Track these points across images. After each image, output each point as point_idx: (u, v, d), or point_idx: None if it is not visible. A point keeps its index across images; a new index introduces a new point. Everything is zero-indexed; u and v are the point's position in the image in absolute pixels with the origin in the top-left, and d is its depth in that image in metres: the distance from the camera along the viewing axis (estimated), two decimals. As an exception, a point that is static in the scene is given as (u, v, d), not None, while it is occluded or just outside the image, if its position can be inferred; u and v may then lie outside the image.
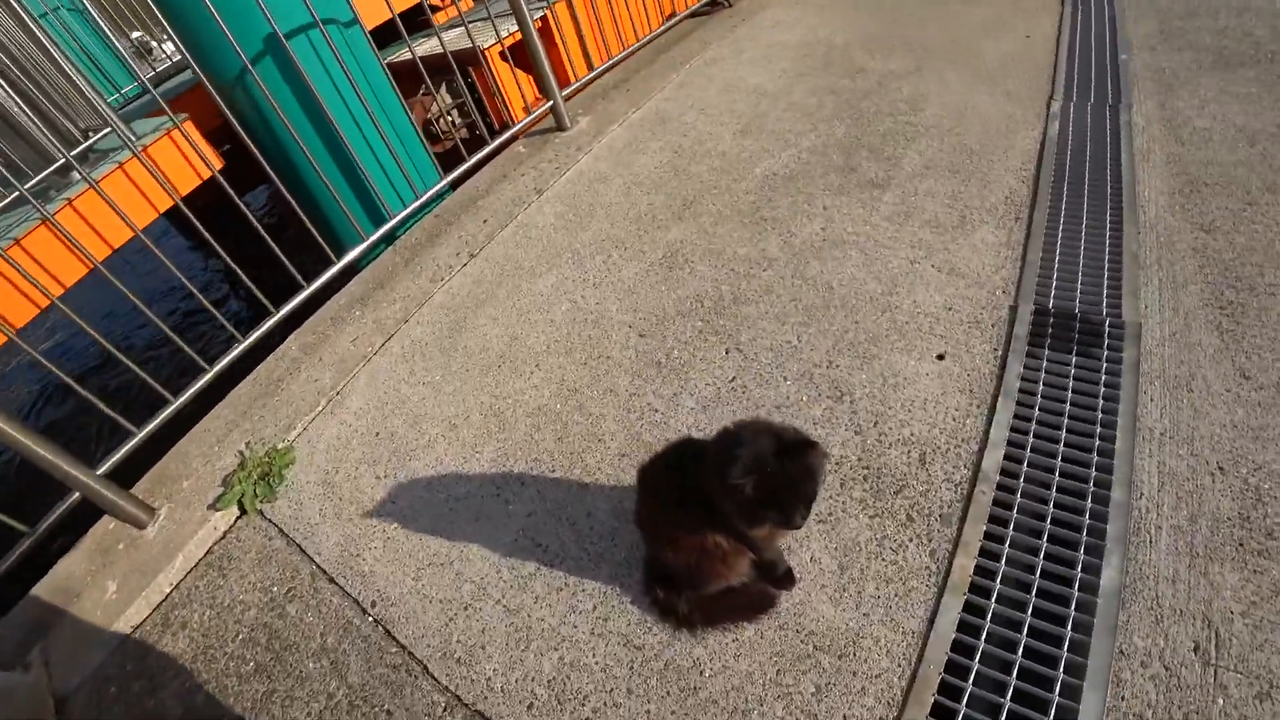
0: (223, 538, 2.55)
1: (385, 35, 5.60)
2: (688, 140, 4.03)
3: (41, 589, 2.53)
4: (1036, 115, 3.62)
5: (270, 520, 2.53)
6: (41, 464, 2.31)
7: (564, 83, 4.48)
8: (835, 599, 1.84)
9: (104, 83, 6.60)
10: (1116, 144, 3.34)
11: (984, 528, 1.91)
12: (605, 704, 1.77)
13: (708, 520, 1.64)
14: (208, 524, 2.52)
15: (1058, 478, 2.00)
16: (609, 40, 5.15)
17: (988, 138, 3.47)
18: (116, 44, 5.38)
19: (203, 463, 2.79)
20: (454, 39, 5.83)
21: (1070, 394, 2.22)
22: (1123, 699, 1.59)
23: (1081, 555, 1.82)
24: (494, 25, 4.40)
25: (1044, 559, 1.83)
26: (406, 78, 5.79)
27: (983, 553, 1.87)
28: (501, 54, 5.93)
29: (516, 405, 2.63)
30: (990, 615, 1.75)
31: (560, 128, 4.43)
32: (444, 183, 3.86)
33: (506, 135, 4.12)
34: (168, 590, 2.43)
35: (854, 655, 1.74)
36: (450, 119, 4.39)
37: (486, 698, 1.87)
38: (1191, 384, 2.20)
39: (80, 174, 2.68)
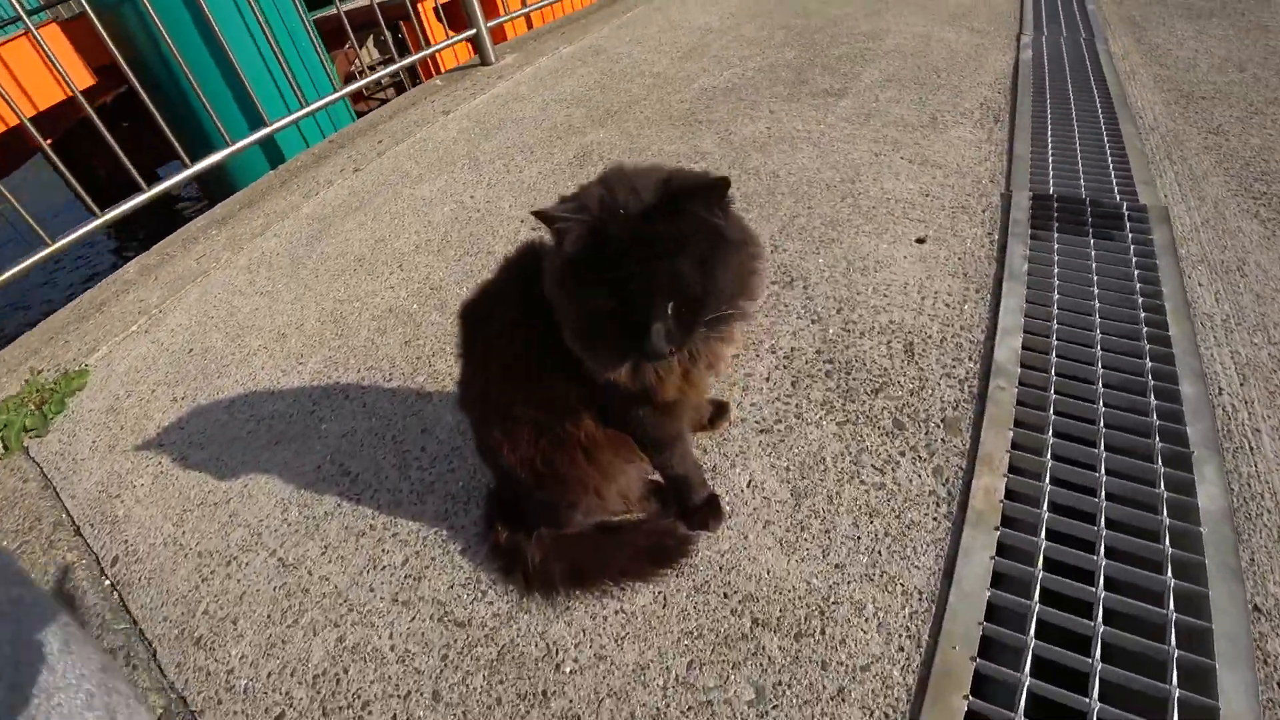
0: None
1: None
2: (620, 66, 3.29)
3: None
4: (1007, 44, 2.99)
5: (33, 458, 1.65)
6: None
7: (492, 16, 3.70)
8: (789, 544, 1.05)
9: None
10: (1097, 66, 2.71)
11: (1010, 434, 1.15)
12: (394, 717, 0.94)
13: (566, 384, 0.85)
14: None
15: (1101, 370, 1.26)
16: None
17: (955, 61, 2.81)
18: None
19: None
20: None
21: (1096, 275, 1.50)
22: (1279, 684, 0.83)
23: (1161, 467, 1.07)
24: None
25: (1106, 473, 1.07)
26: (330, 31, 4.97)
27: (1014, 469, 1.10)
28: (436, 11, 5.16)
29: (363, 309, 1.80)
30: (1040, 560, 0.97)
31: (484, 61, 3.66)
32: (337, 95, 3.03)
33: (422, 54, 3.34)
34: None
35: (822, 634, 0.95)
36: (376, 78, 3.55)
37: (221, 702, 1.03)
38: (1244, 269, 1.53)
39: None
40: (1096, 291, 1.46)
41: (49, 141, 3.35)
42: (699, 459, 1.19)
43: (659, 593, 1.01)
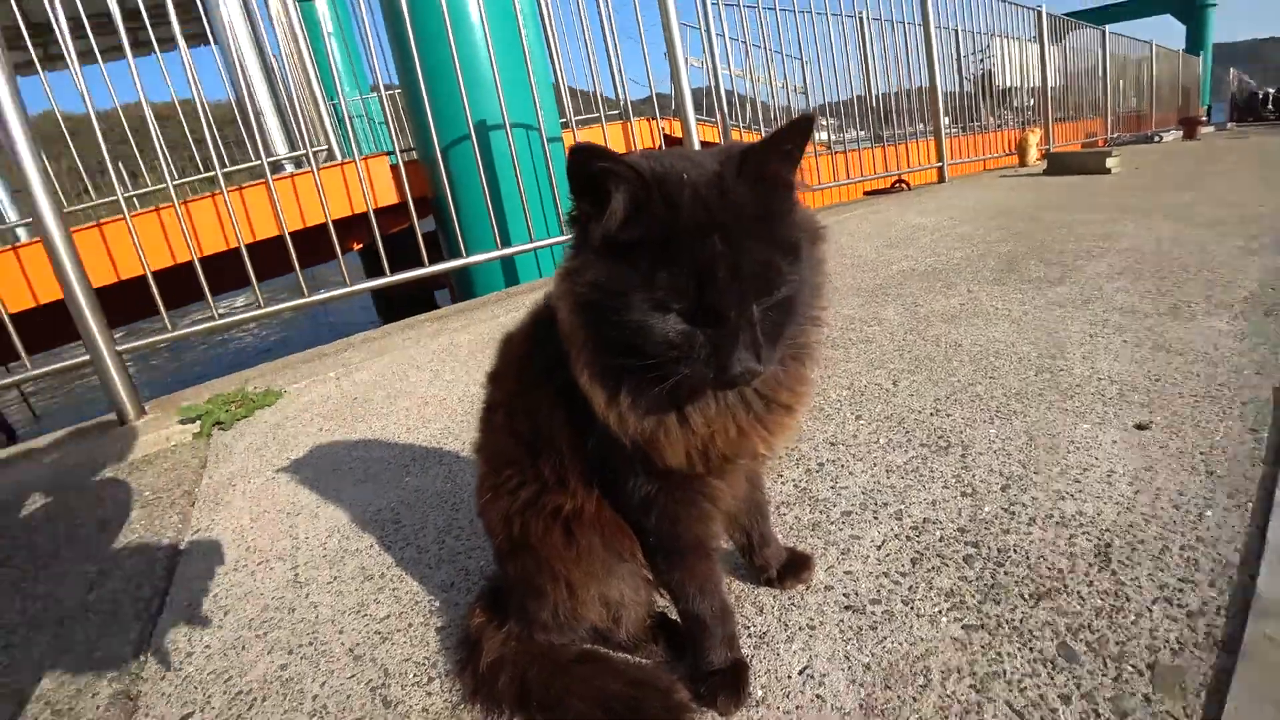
0: (165, 444, 1.95)
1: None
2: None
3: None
4: (1283, 250, 2.32)
5: (210, 442, 1.90)
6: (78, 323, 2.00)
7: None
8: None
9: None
10: None
11: (1281, 720, 0.62)
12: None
13: (566, 426, 0.64)
14: (163, 431, 1.96)
15: None
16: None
17: (1209, 260, 2.24)
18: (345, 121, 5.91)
19: (213, 391, 2.28)
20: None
21: None
22: None
23: None
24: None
25: None
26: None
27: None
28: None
29: (502, 392, 1.78)
30: None
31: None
32: (564, 238, 3.39)
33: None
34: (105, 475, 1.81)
35: None
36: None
37: (163, 678, 0.94)
38: None
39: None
40: None
41: (358, 246, 4.10)
42: (744, 616, 0.84)
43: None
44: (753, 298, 0.50)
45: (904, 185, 5.41)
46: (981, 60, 7.24)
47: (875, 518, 1.04)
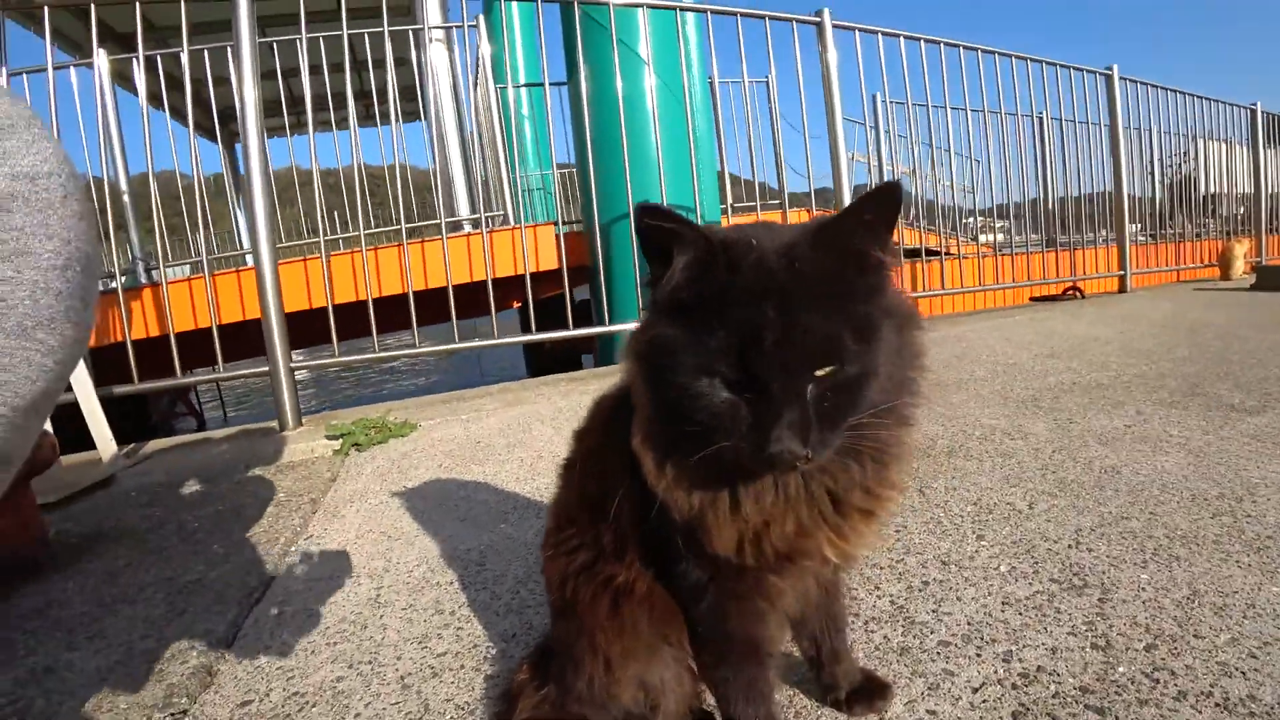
0: (309, 454, 2.24)
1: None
2: (973, 352, 3.02)
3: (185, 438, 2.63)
4: None
5: (345, 461, 2.14)
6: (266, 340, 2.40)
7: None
8: None
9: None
10: None
11: None
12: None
13: (628, 495, 0.65)
14: (310, 443, 2.26)
15: None
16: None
17: None
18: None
19: (360, 416, 2.57)
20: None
21: None
22: None
23: None
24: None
25: None
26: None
27: None
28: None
29: (607, 453, 1.84)
30: None
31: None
32: None
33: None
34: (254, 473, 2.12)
35: None
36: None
37: (241, 663, 1.04)
38: None
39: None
40: None
41: (516, 304, 4.47)
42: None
43: None
44: (804, 371, 0.47)
45: (1077, 293, 4.93)
46: (1178, 165, 6.53)
47: (978, 654, 0.91)
